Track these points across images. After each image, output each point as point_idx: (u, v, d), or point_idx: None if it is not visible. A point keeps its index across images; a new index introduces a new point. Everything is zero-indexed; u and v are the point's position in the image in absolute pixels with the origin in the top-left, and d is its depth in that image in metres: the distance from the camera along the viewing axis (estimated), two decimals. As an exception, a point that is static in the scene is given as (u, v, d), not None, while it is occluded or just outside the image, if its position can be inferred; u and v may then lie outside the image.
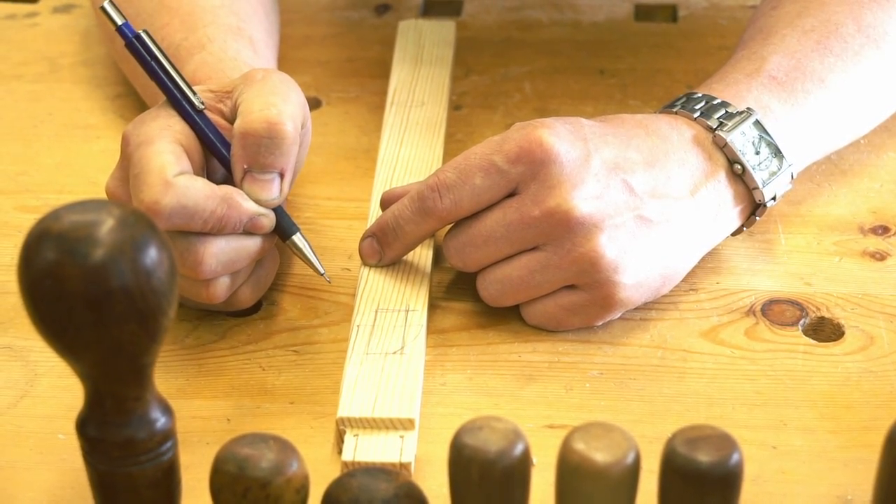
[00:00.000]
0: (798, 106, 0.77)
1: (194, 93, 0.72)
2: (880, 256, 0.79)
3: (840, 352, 0.73)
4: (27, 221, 0.56)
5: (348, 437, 0.66)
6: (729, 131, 0.74)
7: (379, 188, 0.81)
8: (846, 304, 0.75)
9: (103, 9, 0.71)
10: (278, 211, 0.72)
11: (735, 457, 0.55)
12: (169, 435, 0.59)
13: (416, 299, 0.73)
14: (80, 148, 0.88)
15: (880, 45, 0.80)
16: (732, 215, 0.75)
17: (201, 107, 0.72)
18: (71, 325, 0.54)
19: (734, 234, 0.77)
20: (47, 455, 0.67)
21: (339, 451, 0.66)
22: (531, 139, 0.70)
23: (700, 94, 0.77)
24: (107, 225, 0.54)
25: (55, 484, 0.66)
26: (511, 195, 0.71)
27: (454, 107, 0.91)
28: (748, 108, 0.75)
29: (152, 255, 0.54)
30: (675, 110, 0.76)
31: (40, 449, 0.67)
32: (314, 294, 0.77)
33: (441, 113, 0.87)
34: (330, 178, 0.85)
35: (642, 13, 1.01)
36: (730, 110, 0.75)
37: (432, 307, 0.75)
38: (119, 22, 0.71)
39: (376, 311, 0.73)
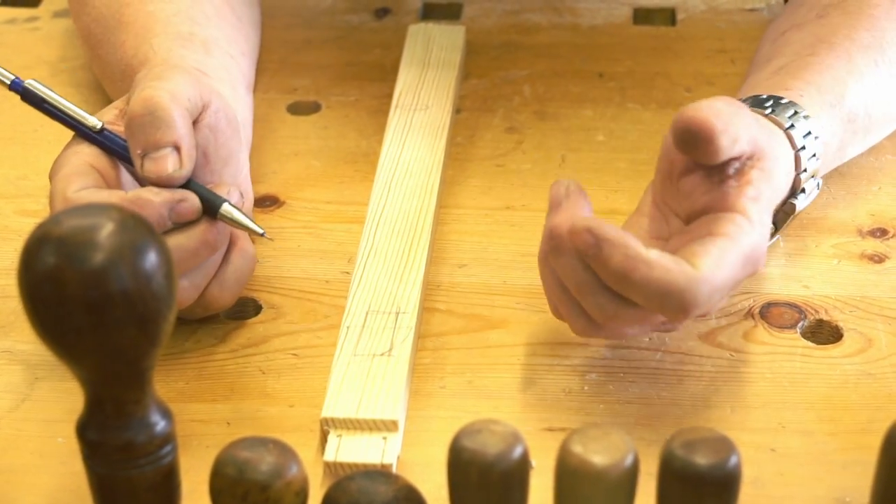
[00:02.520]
0: (853, 143, 0.79)
1: (87, 116, 0.72)
2: (878, 259, 0.79)
3: (838, 354, 0.73)
4: (27, 226, 0.57)
5: (331, 438, 0.66)
6: (806, 181, 0.74)
7: (379, 190, 0.81)
8: (844, 306, 0.76)
9: None
10: (197, 190, 0.71)
11: (733, 459, 0.55)
12: (169, 438, 0.59)
13: (408, 301, 0.73)
14: (80, 152, 0.88)
15: None
16: None
17: (98, 126, 0.72)
18: (71, 329, 0.54)
19: None
20: (47, 459, 0.67)
21: (323, 452, 0.67)
22: None
23: (794, 112, 0.74)
24: (106, 229, 0.54)
25: (55, 487, 0.66)
26: None
27: (454, 110, 0.91)
28: (822, 150, 0.74)
29: (152, 259, 0.54)
30: (766, 113, 0.74)
31: (40, 452, 0.68)
32: (314, 297, 0.77)
33: (445, 117, 0.88)
34: (329, 182, 0.86)
35: (641, 16, 1.02)
36: (815, 150, 0.74)
37: (432, 310, 0.76)
38: (8, 82, 0.74)
39: (367, 313, 0.73)
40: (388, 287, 0.74)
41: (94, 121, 0.72)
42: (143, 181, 0.72)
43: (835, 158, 0.79)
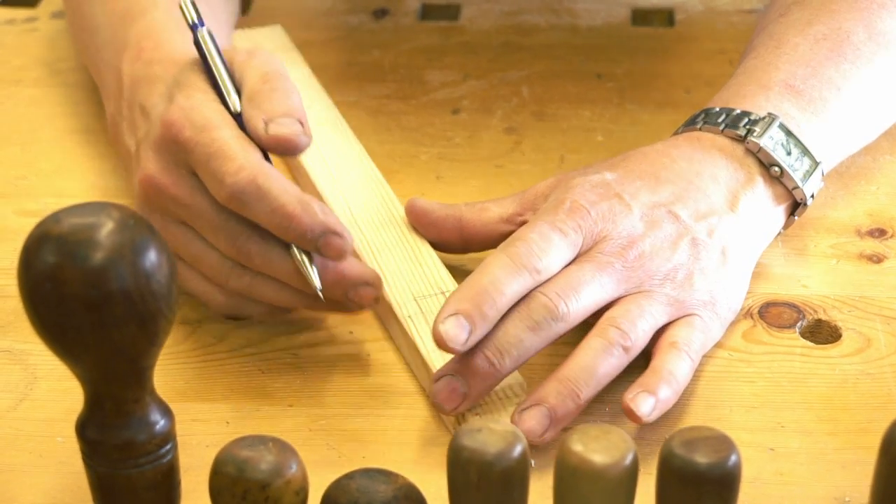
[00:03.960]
0: (816, 114, 0.78)
1: (233, 94, 0.72)
2: (877, 259, 0.79)
3: (837, 354, 0.73)
4: (27, 225, 0.56)
5: (473, 419, 0.66)
6: (759, 136, 0.74)
7: (329, 189, 0.80)
8: (843, 306, 0.76)
9: (181, 6, 0.73)
10: None
11: (733, 458, 0.55)
12: (168, 437, 0.59)
13: (444, 280, 0.73)
14: (79, 152, 0.88)
15: (890, 51, 0.81)
16: (776, 217, 0.76)
17: (237, 110, 0.72)
18: (71, 328, 0.54)
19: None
20: (47, 458, 0.67)
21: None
22: (579, 211, 0.70)
23: (718, 109, 0.77)
24: (106, 228, 0.54)
25: (55, 487, 0.66)
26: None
27: (452, 111, 0.92)
28: (769, 114, 0.75)
29: (152, 257, 0.54)
30: (698, 127, 0.76)
31: (40, 452, 0.68)
32: (313, 297, 0.77)
33: (333, 110, 0.88)
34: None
35: (639, 17, 1.02)
36: (752, 118, 0.75)
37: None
38: (191, 21, 0.73)
39: (415, 299, 0.73)
40: (414, 272, 0.74)
41: (236, 104, 0.72)
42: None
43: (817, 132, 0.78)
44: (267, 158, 0.70)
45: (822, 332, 0.75)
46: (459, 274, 0.76)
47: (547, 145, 0.89)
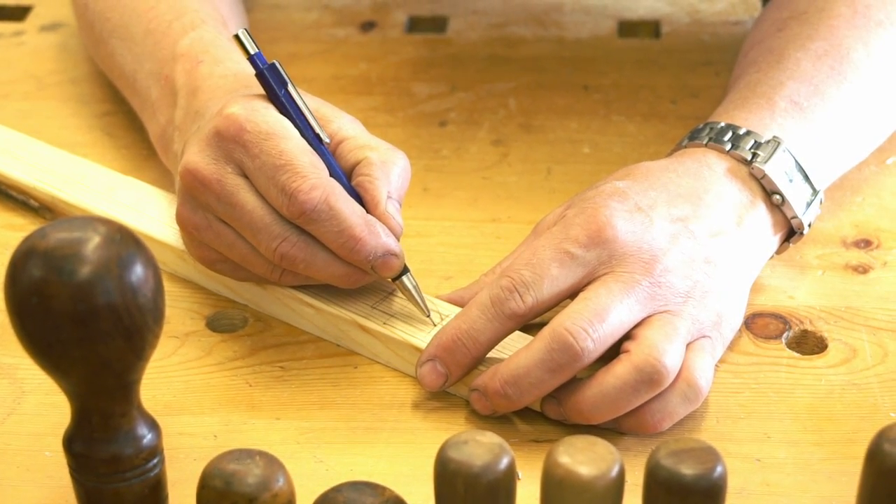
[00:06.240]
0: (819, 132, 0.78)
1: (321, 127, 0.72)
2: (863, 270, 0.79)
3: (823, 365, 0.73)
4: (14, 239, 0.57)
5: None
6: (764, 162, 0.74)
7: None
8: (829, 317, 0.76)
9: (237, 37, 0.71)
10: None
11: (719, 469, 0.55)
12: (156, 451, 0.59)
13: (381, 283, 0.74)
14: (66, 166, 0.88)
15: (885, 70, 0.82)
16: (772, 244, 0.76)
17: (327, 141, 0.72)
18: (57, 343, 0.54)
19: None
20: (34, 472, 0.67)
21: None
22: (597, 222, 0.69)
23: (724, 125, 0.76)
24: (93, 242, 0.54)
25: (42, 501, 0.66)
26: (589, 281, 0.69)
27: (439, 123, 0.92)
28: (775, 137, 0.75)
29: (138, 272, 0.54)
30: (703, 143, 0.76)
31: (27, 466, 0.68)
32: (300, 310, 0.77)
33: None
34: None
35: (625, 29, 1.02)
36: (758, 140, 0.75)
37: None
38: (252, 51, 0.71)
39: (373, 308, 0.73)
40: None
41: (325, 133, 0.72)
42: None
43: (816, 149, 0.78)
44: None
45: (809, 343, 0.75)
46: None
47: (534, 157, 0.89)
